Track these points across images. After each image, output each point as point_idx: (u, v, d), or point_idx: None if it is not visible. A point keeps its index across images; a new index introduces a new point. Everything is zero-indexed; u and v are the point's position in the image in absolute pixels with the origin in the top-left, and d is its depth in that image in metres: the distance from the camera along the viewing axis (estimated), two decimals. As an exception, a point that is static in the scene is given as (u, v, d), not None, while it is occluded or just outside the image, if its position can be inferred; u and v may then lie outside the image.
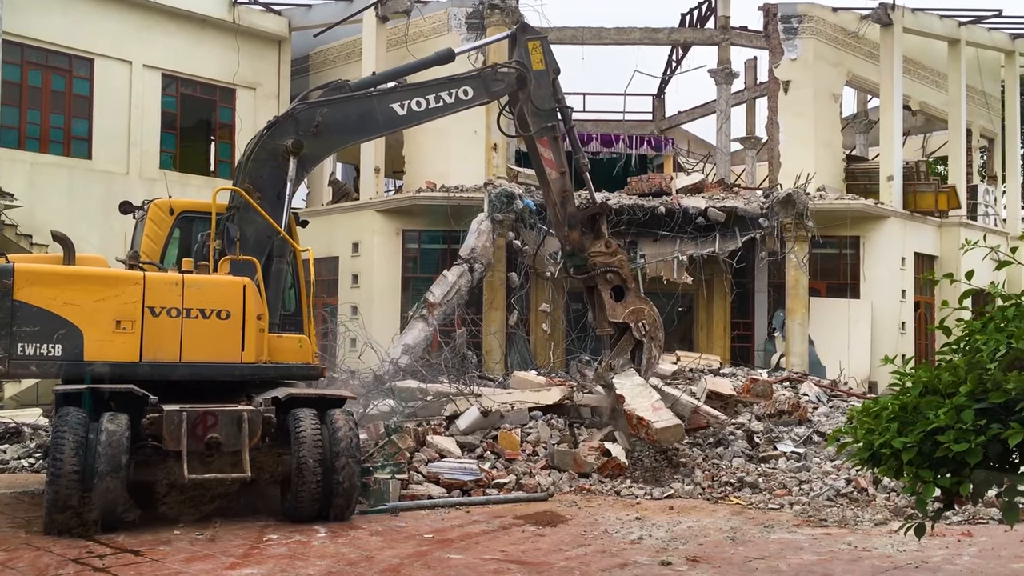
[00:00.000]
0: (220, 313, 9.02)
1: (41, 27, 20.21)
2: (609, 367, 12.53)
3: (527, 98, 12.24)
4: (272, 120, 10.57)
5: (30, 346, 8.31)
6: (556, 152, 12.54)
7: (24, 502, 9.77)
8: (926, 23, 23.92)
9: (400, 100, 11.09)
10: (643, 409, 11.78)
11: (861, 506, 10.06)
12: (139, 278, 8.83)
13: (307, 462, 8.61)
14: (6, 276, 8.32)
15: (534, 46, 12.29)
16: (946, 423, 4.57)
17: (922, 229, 22.60)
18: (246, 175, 10.12)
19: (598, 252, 12.53)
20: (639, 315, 12.55)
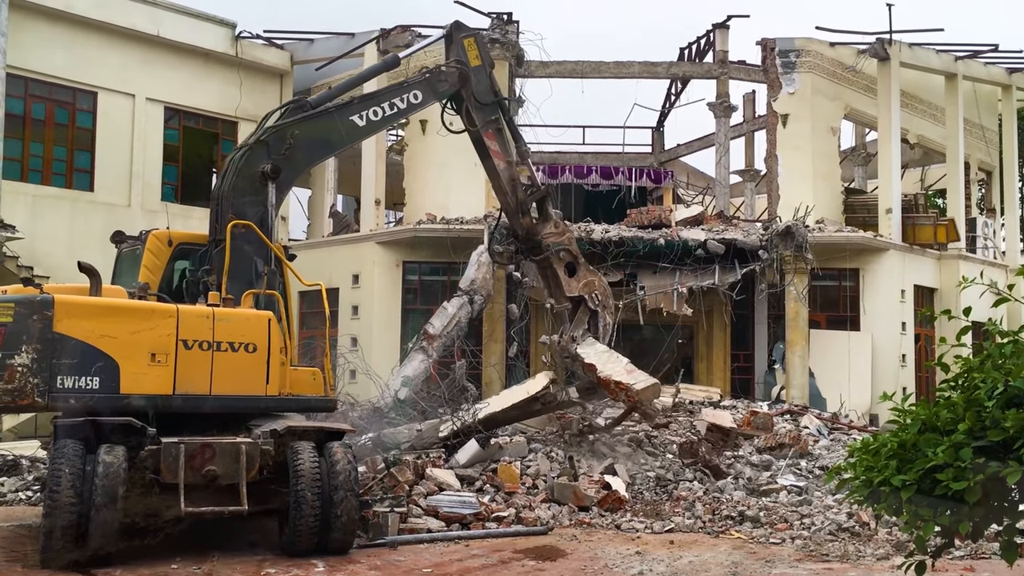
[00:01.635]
0: (248, 346, 9.13)
1: (45, 60, 20.39)
2: (571, 339, 13.03)
3: (470, 94, 12.46)
4: (242, 146, 10.43)
5: (69, 379, 8.21)
6: (502, 143, 12.97)
7: (21, 535, 9.72)
8: (923, 58, 24.11)
9: (359, 112, 11.16)
10: (618, 373, 12.49)
11: (863, 540, 10.00)
12: (173, 311, 8.88)
13: (305, 495, 8.57)
14: (47, 308, 8.22)
15: (470, 43, 12.60)
16: (945, 461, 4.56)
17: (921, 262, 22.64)
18: (229, 205, 10.00)
19: (549, 233, 13.27)
20: (591, 287, 13.43)
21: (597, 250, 19.60)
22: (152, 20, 21.96)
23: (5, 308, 8.19)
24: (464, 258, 19.12)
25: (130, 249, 10.61)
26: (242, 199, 10.09)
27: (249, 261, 9.93)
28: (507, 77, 21.59)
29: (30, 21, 19.94)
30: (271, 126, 10.46)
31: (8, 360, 8.07)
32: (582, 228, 20.10)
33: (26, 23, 19.70)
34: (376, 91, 11.56)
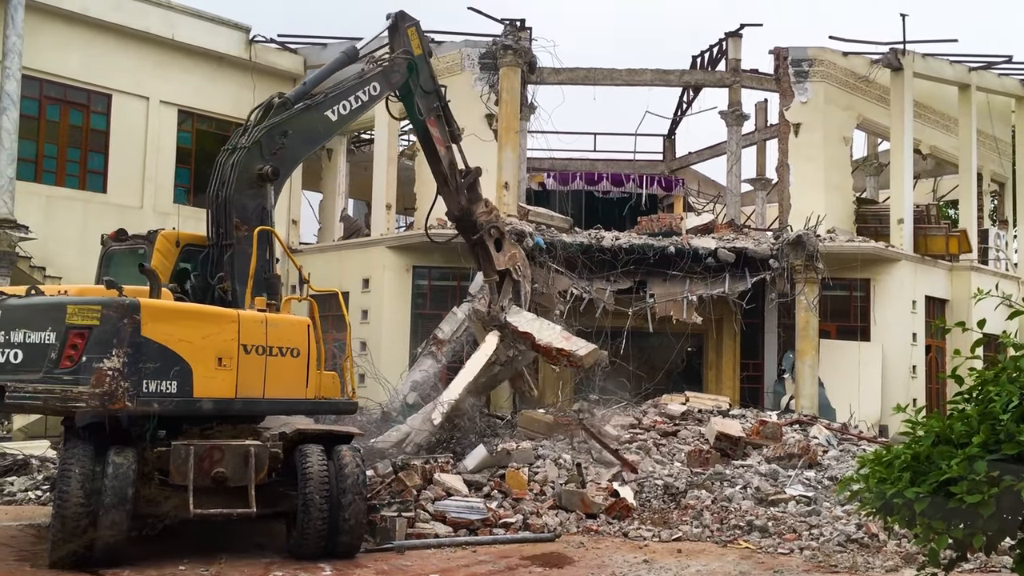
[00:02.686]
0: (293, 351, 9.27)
1: (60, 63, 20.51)
2: (500, 308, 13.91)
3: (417, 83, 12.52)
4: (234, 147, 10.21)
5: (152, 383, 8.16)
6: (442, 129, 13.27)
7: (30, 535, 9.75)
8: (936, 68, 24.05)
9: (331, 107, 11.16)
10: (557, 340, 13.53)
11: (872, 552, 9.95)
12: (235, 316, 8.94)
13: (313, 498, 8.57)
14: (135, 311, 8.13)
15: (412, 32, 12.72)
16: (959, 473, 4.53)
17: (933, 273, 22.55)
18: (232, 208, 9.90)
19: (482, 212, 13.99)
20: (515, 259, 14.35)
21: (607, 257, 19.59)
22: (167, 23, 22.07)
23: (90, 311, 8.03)
24: (474, 263, 19.11)
25: (124, 248, 10.33)
26: (243, 201, 10.05)
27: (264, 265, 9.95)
28: (519, 84, 21.62)
29: (46, 23, 20.06)
30: (264, 125, 10.30)
31: (96, 363, 7.90)
32: (592, 235, 20.11)
33: (42, 25, 19.82)
34: (344, 85, 11.52)
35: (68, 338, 7.97)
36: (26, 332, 8.09)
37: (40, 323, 8.08)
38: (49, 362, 7.96)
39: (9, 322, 8.17)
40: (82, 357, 7.92)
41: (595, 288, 19.55)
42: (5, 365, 8.08)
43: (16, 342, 8.11)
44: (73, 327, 7.98)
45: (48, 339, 8.02)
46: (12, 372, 8.04)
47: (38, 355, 8.02)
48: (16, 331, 8.12)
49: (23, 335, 8.10)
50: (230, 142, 9.94)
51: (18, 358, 8.07)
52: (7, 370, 8.05)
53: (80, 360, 7.92)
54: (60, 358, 7.95)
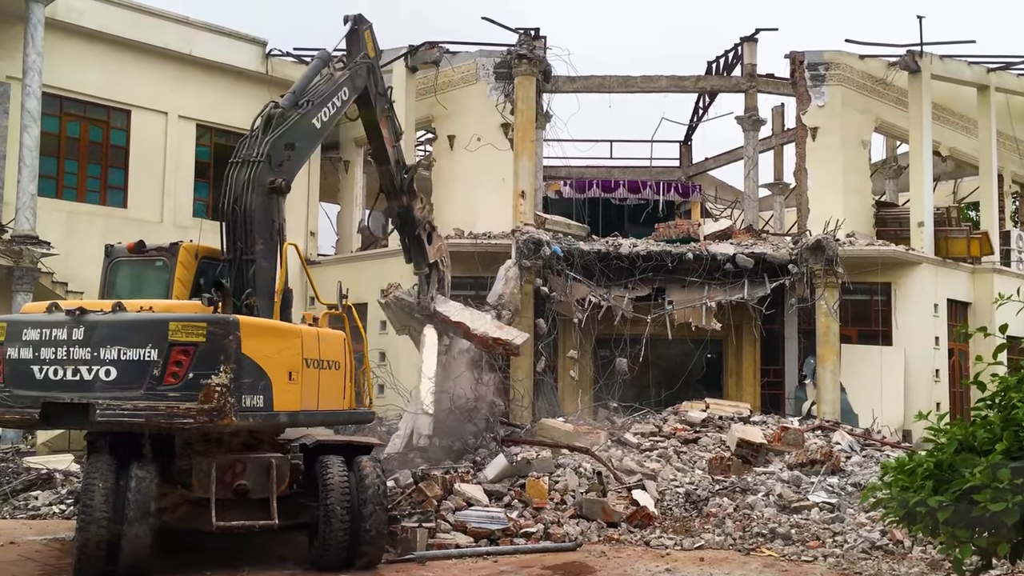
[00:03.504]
0: (335, 364, 9.56)
1: (79, 80, 20.72)
2: (430, 299, 14.64)
3: (373, 85, 12.53)
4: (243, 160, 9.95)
5: (247, 397, 8.20)
6: (390, 128, 13.42)
7: (55, 549, 9.81)
8: (955, 70, 23.89)
9: (315, 115, 11.10)
10: (492, 330, 14.69)
11: (897, 559, 9.86)
12: (300, 331, 9.11)
13: (335, 509, 8.59)
14: (236, 328, 8.17)
15: (368, 35, 12.70)
16: (983, 481, 4.47)
17: (955, 275, 22.37)
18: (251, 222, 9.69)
19: (419, 208, 14.32)
20: (441, 251, 14.99)
21: (625, 264, 19.56)
22: (185, 39, 22.26)
23: (195, 328, 8.04)
24: (492, 273, 19.13)
25: (137, 260, 10.23)
26: (257, 215, 9.96)
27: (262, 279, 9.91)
28: (535, 92, 21.65)
29: (65, 41, 20.27)
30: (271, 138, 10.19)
31: (203, 379, 7.90)
32: (609, 242, 20.09)
33: (61, 43, 20.03)
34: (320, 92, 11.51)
35: (171, 355, 7.96)
36: (120, 349, 7.99)
37: (138, 340, 8.00)
38: (152, 379, 7.92)
39: (97, 339, 8.05)
40: (188, 373, 7.92)
41: (613, 296, 19.51)
42: (93, 382, 7.98)
43: (108, 359, 7.98)
44: (177, 344, 7.97)
45: (149, 356, 7.96)
46: (103, 389, 7.94)
47: (136, 372, 7.95)
48: (107, 348, 8.00)
49: (116, 352, 7.99)
50: (237, 154, 9.84)
51: (110, 375, 7.97)
52: (96, 387, 7.96)
53: (186, 376, 7.93)
54: (164, 375, 7.93)
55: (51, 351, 8.10)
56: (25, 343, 8.20)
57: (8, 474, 13.58)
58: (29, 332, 8.22)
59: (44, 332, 8.17)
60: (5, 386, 8.21)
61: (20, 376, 8.16)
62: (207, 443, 8.72)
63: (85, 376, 8.00)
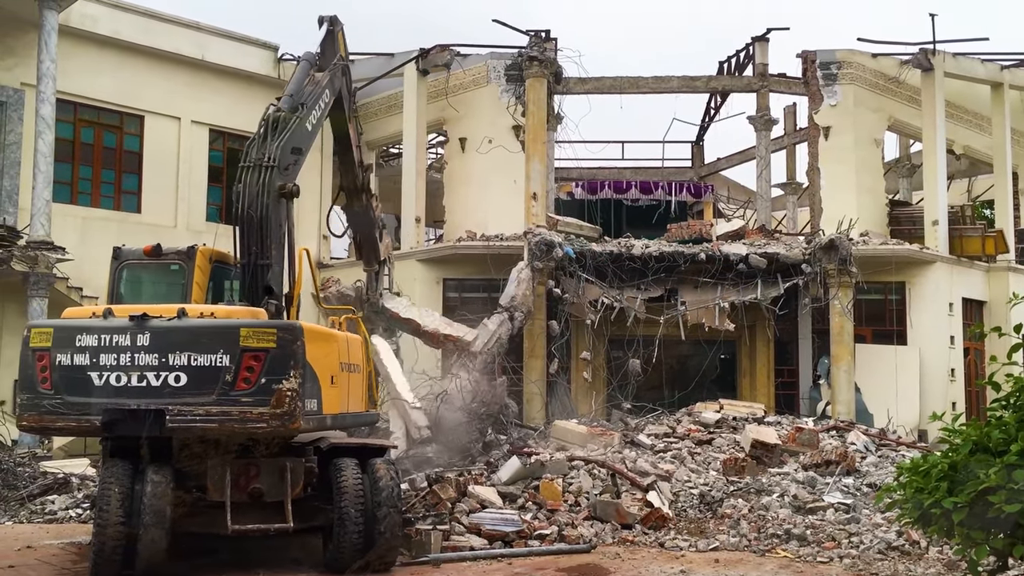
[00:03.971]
0: (358, 367, 9.86)
1: (93, 86, 20.88)
2: (379, 295, 15.05)
3: (346, 85, 12.57)
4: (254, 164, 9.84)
5: (307, 401, 8.34)
6: (356, 129, 13.64)
7: (71, 553, 9.87)
8: (968, 67, 23.76)
9: (307, 118, 11.06)
10: (442, 326, 15.67)
11: (913, 559, 9.81)
12: (339, 336, 9.31)
13: (349, 512, 8.59)
14: (301, 334, 8.28)
15: (341, 36, 12.69)
16: (997, 483, 4.45)
17: (969, 274, 22.24)
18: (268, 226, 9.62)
19: (376, 207, 14.50)
20: (388, 248, 15.31)
21: (637, 265, 19.54)
22: (197, 45, 22.39)
23: (266, 334, 8.12)
24: (504, 275, 19.15)
25: (150, 263, 10.19)
26: (270, 218, 9.98)
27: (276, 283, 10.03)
28: (546, 94, 21.66)
29: (79, 48, 20.43)
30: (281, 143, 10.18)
31: (275, 385, 7.99)
32: (622, 243, 20.07)
33: (75, 49, 20.18)
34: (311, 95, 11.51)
35: (243, 360, 8.01)
36: (191, 355, 8.01)
37: (209, 346, 8.02)
38: (224, 384, 7.97)
39: (165, 345, 8.05)
40: (260, 379, 8.00)
41: (626, 297, 19.50)
42: (162, 388, 7.98)
43: (177, 365, 8.00)
44: (248, 349, 8.02)
45: (221, 361, 7.99)
46: (172, 395, 7.95)
47: (208, 378, 7.97)
48: (176, 354, 8.00)
49: (187, 358, 8.01)
50: (246, 158, 9.82)
51: (180, 381, 7.97)
52: (165, 393, 7.96)
53: (258, 382, 8.00)
54: (236, 380, 7.99)
55: (112, 357, 8.03)
56: (80, 349, 8.07)
57: (25, 478, 13.67)
58: (84, 338, 8.10)
59: (104, 338, 8.08)
60: (55, 393, 8.06)
61: (75, 383, 8.03)
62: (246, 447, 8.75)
63: (153, 382, 7.98)
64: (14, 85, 19.66)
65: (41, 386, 8.09)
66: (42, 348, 8.16)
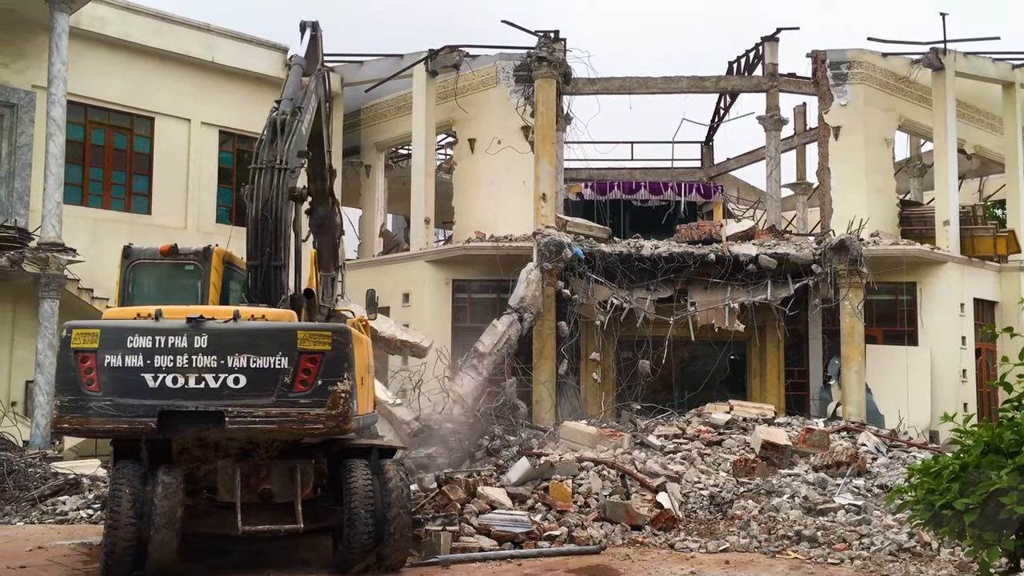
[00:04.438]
0: (370, 368, 10.13)
1: (104, 88, 20.94)
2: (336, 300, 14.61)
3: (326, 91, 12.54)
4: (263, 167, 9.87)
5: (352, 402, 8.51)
6: (327, 133, 13.60)
7: (82, 553, 9.91)
8: (979, 66, 23.66)
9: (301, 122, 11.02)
10: (399, 331, 16.16)
11: (925, 561, 9.76)
12: (365, 339, 9.55)
13: (359, 513, 8.59)
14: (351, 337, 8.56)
15: (320, 41, 12.70)
16: (1009, 484, 4.42)
17: (981, 274, 22.14)
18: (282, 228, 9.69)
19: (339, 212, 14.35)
20: (343, 254, 15.10)
21: (647, 266, 19.52)
22: (207, 46, 22.45)
23: (322, 336, 8.32)
24: (513, 276, 19.16)
25: (163, 263, 10.27)
26: (286, 219, 10.04)
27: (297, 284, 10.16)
28: (555, 95, 21.65)
29: (89, 50, 20.49)
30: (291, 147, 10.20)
31: (330, 386, 8.17)
32: (631, 244, 20.05)
33: (85, 51, 20.25)
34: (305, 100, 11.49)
35: (300, 362, 8.16)
36: (250, 357, 8.11)
37: (268, 348, 8.14)
38: (283, 386, 8.11)
39: (224, 347, 8.12)
40: (317, 380, 8.17)
41: (635, 297, 19.48)
42: (221, 390, 8.05)
43: (237, 367, 8.09)
44: (305, 352, 8.19)
45: (280, 364, 8.13)
46: (231, 397, 8.04)
47: (267, 380, 8.09)
48: (235, 356, 8.09)
49: (246, 360, 8.11)
50: (258, 159, 9.85)
51: (239, 383, 8.06)
52: (224, 395, 8.04)
53: (315, 383, 8.16)
54: (294, 382, 8.13)
55: (168, 359, 8.06)
56: (132, 351, 8.06)
57: (36, 479, 13.73)
58: (137, 339, 8.10)
59: (158, 339, 8.09)
60: (104, 395, 8.01)
61: (126, 385, 8.01)
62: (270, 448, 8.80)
63: (211, 384, 8.05)
64: (25, 87, 19.74)
65: (87, 388, 8.01)
66: (87, 349, 8.08)
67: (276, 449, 8.78)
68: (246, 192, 10.00)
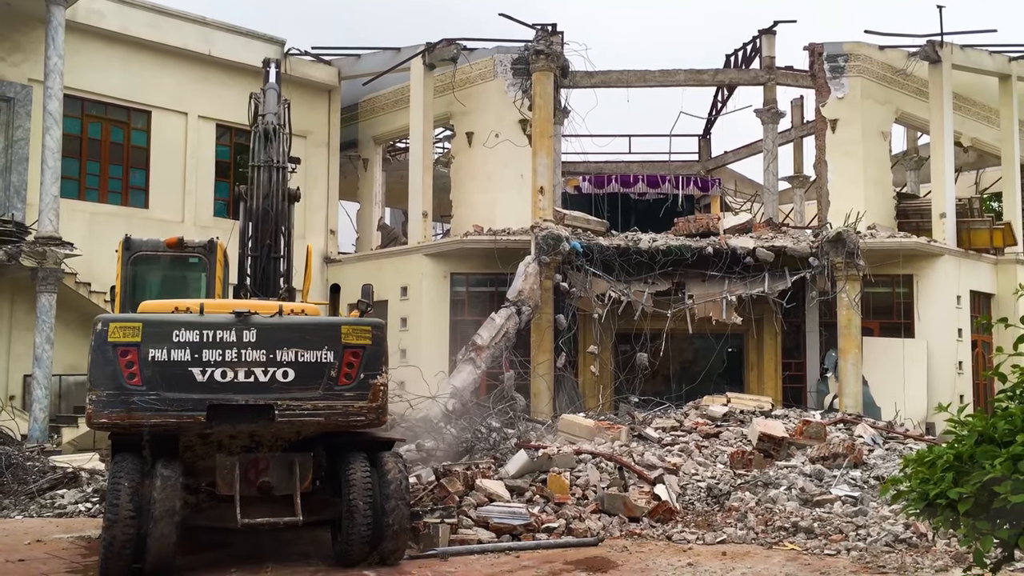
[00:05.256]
0: None
1: (101, 81, 20.91)
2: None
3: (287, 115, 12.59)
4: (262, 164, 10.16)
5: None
6: None
7: (81, 547, 9.94)
8: (976, 59, 23.67)
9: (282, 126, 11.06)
10: None
11: (921, 552, 9.81)
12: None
13: (357, 505, 8.62)
14: (386, 332, 8.75)
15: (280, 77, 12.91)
16: (1003, 473, 4.46)
17: (977, 267, 22.18)
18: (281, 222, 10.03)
19: None
20: None
21: (644, 259, 19.54)
22: (204, 40, 22.40)
23: (363, 331, 8.57)
24: (511, 269, 19.18)
25: (164, 256, 10.41)
26: (284, 215, 10.19)
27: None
28: (552, 88, 21.65)
29: (86, 43, 20.46)
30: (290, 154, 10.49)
31: (371, 380, 8.48)
32: (629, 237, 20.07)
33: (82, 45, 20.22)
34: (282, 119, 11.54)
35: (344, 356, 8.44)
36: (298, 351, 8.30)
37: (315, 342, 8.38)
38: (329, 379, 8.37)
39: (271, 341, 8.27)
40: (359, 374, 8.46)
41: (633, 291, 19.51)
42: (270, 384, 8.21)
43: (285, 361, 8.27)
44: (349, 346, 8.48)
45: (326, 357, 8.39)
46: (280, 391, 8.21)
47: (314, 373, 8.34)
48: (283, 350, 8.27)
49: (294, 354, 8.29)
50: (256, 158, 10.04)
51: (288, 376, 8.25)
52: (273, 389, 8.21)
53: (357, 377, 8.46)
54: (339, 375, 8.40)
55: (217, 353, 8.15)
56: (178, 344, 8.09)
57: (34, 473, 13.75)
58: (183, 333, 8.14)
59: (205, 334, 8.17)
60: (148, 389, 8.00)
61: (173, 379, 8.04)
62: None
63: (260, 378, 8.21)
64: (21, 81, 19.70)
65: (128, 382, 7.98)
66: (127, 343, 8.04)
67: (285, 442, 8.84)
68: (244, 190, 10.12)
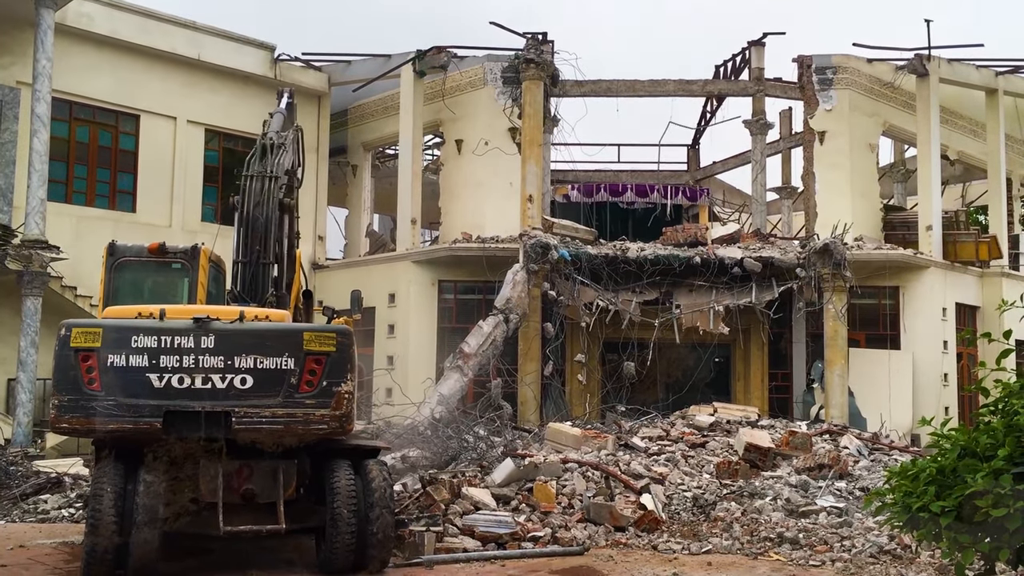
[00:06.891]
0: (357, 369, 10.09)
1: (89, 85, 20.86)
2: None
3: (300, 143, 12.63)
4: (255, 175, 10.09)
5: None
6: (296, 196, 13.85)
7: (64, 552, 9.86)
8: (963, 73, 23.86)
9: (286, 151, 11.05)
10: None
11: (905, 563, 9.83)
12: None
13: (341, 513, 8.58)
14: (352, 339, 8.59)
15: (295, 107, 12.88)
16: (984, 487, 4.48)
17: (963, 279, 22.31)
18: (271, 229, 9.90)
19: None
20: None
21: (632, 268, 19.58)
22: (193, 44, 22.38)
23: (327, 338, 8.35)
24: (500, 277, 19.18)
25: (148, 262, 10.35)
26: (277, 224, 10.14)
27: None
28: (542, 97, 21.70)
29: (75, 46, 20.41)
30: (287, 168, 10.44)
31: (335, 388, 8.25)
32: (617, 246, 20.11)
33: (71, 48, 20.17)
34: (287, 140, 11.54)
35: (306, 363, 8.22)
36: (256, 358, 8.12)
37: (275, 349, 8.17)
38: (289, 387, 8.15)
39: (230, 347, 8.10)
40: (321, 382, 8.23)
41: (621, 300, 19.54)
42: (228, 391, 8.04)
43: (243, 367, 8.09)
44: (311, 353, 8.25)
45: (286, 364, 8.18)
46: (238, 397, 8.04)
47: (274, 380, 8.13)
48: (242, 356, 8.10)
49: (253, 360, 8.12)
50: (250, 169, 10.04)
51: (246, 383, 8.08)
52: (231, 395, 8.04)
53: (319, 384, 8.23)
54: (299, 383, 8.18)
55: (174, 359, 8.01)
56: (137, 350, 7.99)
57: (18, 477, 13.66)
58: (141, 339, 8.02)
59: (163, 339, 8.04)
60: (107, 395, 7.90)
61: (130, 384, 7.93)
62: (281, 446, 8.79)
63: (218, 384, 8.04)
64: (10, 83, 19.63)
65: (88, 387, 7.90)
66: (87, 348, 7.96)
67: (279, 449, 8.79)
68: (235, 200, 10.12)
